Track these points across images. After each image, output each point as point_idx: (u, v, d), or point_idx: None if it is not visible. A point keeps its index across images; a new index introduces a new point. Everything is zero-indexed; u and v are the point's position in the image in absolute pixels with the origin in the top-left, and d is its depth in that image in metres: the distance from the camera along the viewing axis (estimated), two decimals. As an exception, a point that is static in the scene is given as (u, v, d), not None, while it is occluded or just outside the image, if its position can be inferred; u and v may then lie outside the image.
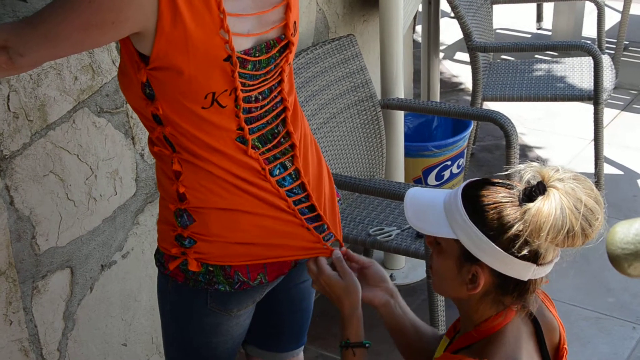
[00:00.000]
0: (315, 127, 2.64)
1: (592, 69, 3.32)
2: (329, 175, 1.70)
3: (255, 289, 1.59)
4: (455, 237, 1.37)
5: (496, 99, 3.49)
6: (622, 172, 3.79)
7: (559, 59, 3.84)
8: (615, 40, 4.44)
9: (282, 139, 1.56)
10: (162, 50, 1.37)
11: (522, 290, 1.38)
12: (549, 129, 4.24)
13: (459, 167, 3.35)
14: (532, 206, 1.30)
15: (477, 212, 1.35)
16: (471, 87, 3.52)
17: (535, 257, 1.34)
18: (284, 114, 1.56)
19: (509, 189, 1.36)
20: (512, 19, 5.47)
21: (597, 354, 2.72)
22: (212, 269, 1.55)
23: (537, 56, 4.74)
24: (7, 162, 1.83)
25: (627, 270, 1.40)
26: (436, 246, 1.43)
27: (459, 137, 3.29)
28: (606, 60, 3.62)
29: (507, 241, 1.32)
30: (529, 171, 1.34)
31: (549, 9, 5.28)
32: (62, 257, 2.03)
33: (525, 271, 1.35)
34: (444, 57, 5.13)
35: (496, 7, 3.95)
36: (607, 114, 4.03)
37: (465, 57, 4.89)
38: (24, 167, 1.87)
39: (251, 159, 1.51)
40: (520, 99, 3.46)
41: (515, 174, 1.38)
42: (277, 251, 1.56)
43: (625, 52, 4.80)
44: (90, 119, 2.01)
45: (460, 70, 4.97)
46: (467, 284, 1.39)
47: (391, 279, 3.11)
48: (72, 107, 1.96)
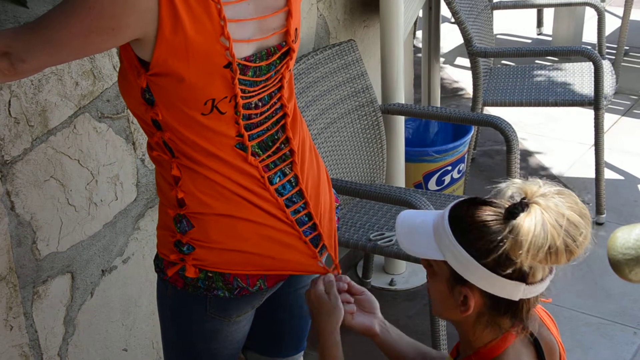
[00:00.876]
0: (315, 132, 2.64)
1: (593, 75, 3.33)
2: (328, 182, 1.70)
3: (254, 294, 1.59)
4: (443, 259, 1.37)
5: (497, 104, 3.50)
6: (622, 177, 3.79)
7: (559, 65, 3.84)
8: (615, 45, 4.45)
9: (282, 145, 1.56)
10: (162, 56, 1.37)
11: (516, 310, 1.37)
12: (549, 134, 4.24)
13: (459, 172, 3.35)
14: (513, 223, 1.28)
15: (463, 233, 1.34)
16: (472, 93, 3.52)
17: (522, 276, 1.32)
18: (283, 120, 1.56)
19: (495, 207, 1.35)
20: (513, 25, 5.48)
21: (598, 359, 2.72)
22: (211, 275, 1.55)
23: (537, 61, 4.75)
24: (8, 168, 1.83)
25: (628, 275, 1.40)
26: (429, 268, 1.43)
27: (459, 142, 3.29)
28: (606, 65, 3.62)
29: (493, 261, 1.31)
30: (512, 188, 1.33)
31: (549, 14, 5.29)
32: (63, 262, 2.03)
33: (514, 291, 1.33)
34: (444, 63, 5.14)
35: (496, 13, 3.95)
36: (608, 119, 4.03)
37: (465, 62, 4.90)
38: (24, 173, 1.87)
39: (251, 166, 1.51)
40: (520, 104, 3.46)
41: (499, 192, 1.37)
42: (275, 264, 1.57)
43: (625, 58, 4.80)
44: (91, 124, 2.01)
45: (460, 75, 4.98)
46: (459, 306, 1.38)
47: (392, 284, 3.13)
48: (73, 113, 1.96)
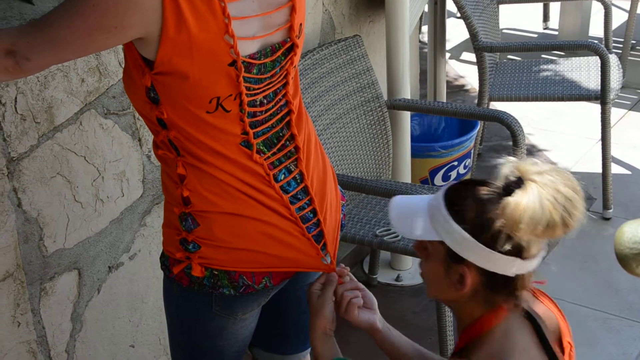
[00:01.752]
0: (321, 128, 2.64)
1: (599, 69, 3.32)
2: (334, 178, 1.70)
3: (260, 292, 1.59)
4: (439, 239, 1.39)
5: (503, 99, 3.49)
6: (629, 172, 3.78)
7: (565, 59, 3.83)
8: (622, 39, 4.43)
9: (287, 142, 1.56)
10: (166, 55, 1.37)
11: (511, 286, 1.39)
12: (556, 129, 4.23)
13: (465, 167, 3.34)
14: (511, 200, 1.31)
15: (459, 212, 1.37)
16: (477, 88, 3.52)
17: (518, 251, 1.35)
18: (288, 117, 1.56)
19: (490, 186, 1.38)
20: (519, 19, 5.46)
21: (605, 355, 2.71)
22: (216, 272, 1.55)
23: (543, 56, 4.73)
24: (14, 164, 1.84)
25: (635, 270, 1.39)
26: (423, 251, 1.45)
27: (465, 137, 3.29)
28: (613, 59, 3.61)
29: (490, 238, 1.34)
30: (507, 166, 1.36)
31: (555, 8, 5.28)
32: (70, 258, 2.03)
33: (510, 266, 1.36)
34: (450, 58, 5.13)
35: (502, 7, 3.95)
36: (614, 113, 4.02)
37: (471, 57, 4.89)
38: (31, 169, 1.88)
39: (256, 164, 1.51)
40: (527, 99, 3.46)
41: (494, 171, 1.40)
42: (279, 262, 1.57)
43: (632, 52, 4.79)
44: (97, 121, 2.02)
45: (466, 70, 4.97)
46: (455, 285, 1.40)
47: (398, 279, 3.13)
48: (79, 109, 1.96)
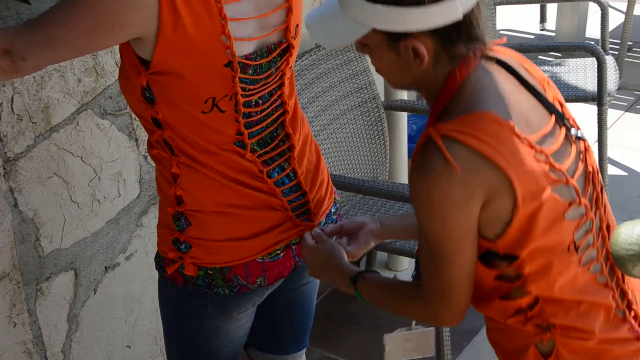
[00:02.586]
0: (318, 129, 2.64)
1: (596, 70, 3.32)
2: (327, 175, 1.71)
3: (255, 292, 1.59)
4: (368, 29, 1.28)
5: (500, 100, 3.48)
6: (626, 173, 3.78)
7: (562, 60, 3.84)
8: (619, 41, 4.43)
9: (281, 142, 1.56)
10: (162, 55, 1.37)
11: (466, 29, 1.27)
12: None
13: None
14: None
15: None
16: (475, 88, 3.51)
17: None
18: (283, 117, 1.56)
19: None
20: (516, 20, 5.47)
21: (601, 356, 2.71)
22: (211, 272, 1.55)
23: (540, 57, 4.73)
24: (11, 164, 1.84)
25: (631, 271, 1.39)
26: (364, 48, 1.34)
27: (462, 138, 3.28)
28: (610, 61, 3.61)
29: None
30: None
31: (552, 9, 5.28)
32: (66, 259, 2.03)
33: (452, 9, 1.24)
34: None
35: (499, 8, 3.94)
36: (611, 114, 4.02)
37: (468, 58, 4.87)
38: (27, 169, 1.87)
39: (249, 162, 1.51)
40: (523, 100, 3.45)
41: None
42: (268, 243, 1.57)
43: (629, 53, 4.79)
44: (93, 121, 2.01)
45: (463, 71, 4.96)
46: (413, 62, 1.29)
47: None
48: (76, 109, 1.96)
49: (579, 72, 3.65)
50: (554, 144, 1.35)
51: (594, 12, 4.93)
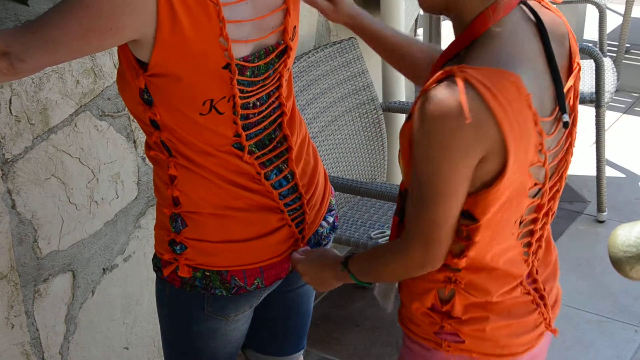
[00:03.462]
0: (316, 131, 2.64)
1: (594, 72, 3.32)
2: (325, 176, 1.71)
3: (252, 293, 1.60)
4: None
5: (498, 102, 3.48)
6: (624, 175, 3.79)
7: (560, 62, 3.83)
8: (616, 43, 4.44)
9: (279, 143, 1.57)
10: (160, 57, 1.37)
11: None
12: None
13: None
14: None
15: None
16: (473, 90, 3.51)
17: None
18: (280, 119, 1.56)
19: None
20: (514, 22, 5.47)
21: (599, 357, 2.71)
22: (208, 273, 1.55)
23: (538, 59, 4.73)
24: (9, 166, 1.84)
25: (629, 273, 1.40)
26: None
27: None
28: (608, 63, 3.62)
29: None
30: None
31: (550, 11, 5.28)
32: (64, 260, 2.03)
33: None
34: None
35: (497, 10, 3.93)
36: (609, 117, 4.03)
37: (466, 60, 4.88)
38: (25, 171, 1.87)
39: (246, 164, 1.51)
40: (521, 102, 3.45)
41: None
42: (266, 254, 1.58)
43: (626, 55, 4.79)
44: (92, 123, 2.01)
45: (461, 73, 4.96)
46: None
47: (393, 282, 3.13)
48: (74, 111, 1.96)
49: (577, 74, 3.65)
50: (553, 131, 1.37)
51: (592, 14, 4.94)
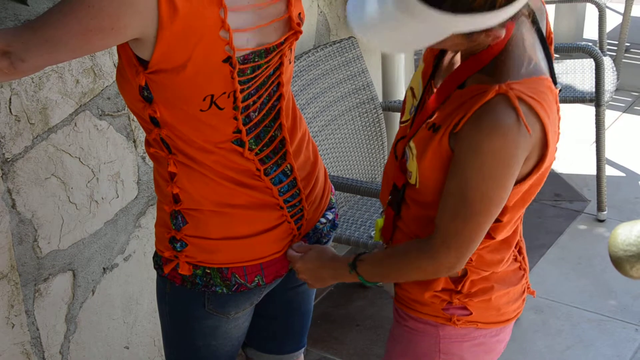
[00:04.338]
0: (316, 130, 2.64)
1: (594, 71, 3.32)
2: (325, 177, 1.71)
3: (252, 291, 1.60)
4: (450, 32, 1.27)
5: (497, 101, 3.48)
6: (624, 174, 3.79)
7: (560, 61, 3.84)
8: (616, 42, 4.44)
9: (278, 142, 1.57)
10: (161, 55, 1.37)
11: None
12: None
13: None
14: None
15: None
16: (472, 89, 3.51)
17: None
18: (279, 105, 1.56)
19: None
20: (513, 21, 5.47)
21: (599, 356, 2.71)
22: (209, 271, 1.55)
23: (538, 58, 4.73)
24: (9, 165, 1.83)
25: (629, 272, 1.39)
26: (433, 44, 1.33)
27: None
28: (607, 62, 3.62)
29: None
30: None
31: (550, 10, 5.28)
32: (64, 260, 2.03)
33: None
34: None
35: (497, 10, 3.93)
36: (609, 115, 4.03)
37: (466, 59, 4.88)
38: (25, 170, 1.87)
39: (247, 160, 1.52)
40: (521, 101, 3.45)
41: None
42: (265, 251, 1.58)
43: (626, 54, 4.79)
44: (91, 122, 2.01)
45: (461, 72, 4.96)
46: (484, 40, 1.31)
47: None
48: (74, 110, 1.96)
49: (577, 73, 3.65)
50: None
51: (592, 13, 4.94)
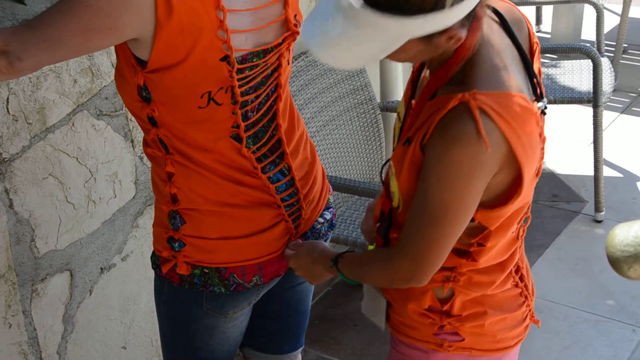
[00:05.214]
0: (314, 130, 2.64)
1: (592, 72, 3.32)
2: (323, 177, 1.72)
3: (250, 290, 1.60)
4: (407, 39, 1.25)
5: (495, 102, 3.48)
6: (621, 175, 3.79)
7: (558, 62, 3.84)
8: (614, 43, 4.44)
9: (275, 142, 1.57)
10: (159, 55, 1.37)
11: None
12: (548, 131, 4.23)
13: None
14: None
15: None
16: (470, 90, 3.51)
17: None
18: (276, 106, 1.56)
19: None
20: (511, 22, 5.47)
21: (597, 357, 2.72)
22: (207, 270, 1.55)
23: (536, 59, 4.73)
24: (6, 165, 1.83)
25: (626, 272, 1.40)
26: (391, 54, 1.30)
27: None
28: (605, 63, 3.62)
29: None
30: None
31: (548, 11, 5.28)
32: (62, 260, 2.03)
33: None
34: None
35: (495, 10, 3.93)
36: (607, 116, 4.03)
37: (464, 59, 4.88)
38: (23, 170, 1.87)
39: (244, 158, 1.52)
40: (519, 102, 3.45)
41: None
42: (263, 251, 1.58)
43: (624, 55, 4.80)
44: (89, 122, 2.01)
45: (459, 73, 4.96)
46: (447, 43, 1.27)
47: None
48: (72, 110, 1.96)
49: (575, 74, 3.65)
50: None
51: (590, 14, 4.94)
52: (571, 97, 3.43)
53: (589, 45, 3.38)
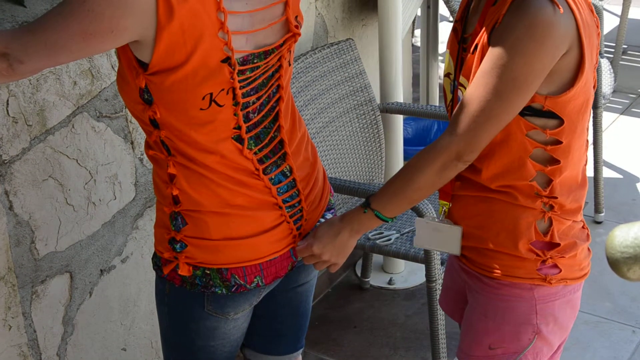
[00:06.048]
0: (314, 131, 2.64)
1: (591, 73, 3.32)
2: (324, 178, 1.72)
3: (252, 292, 1.60)
4: None
5: (495, 103, 3.48)
6: (621, 176, 3.79)
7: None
8: (613, 44, 4.45)
9: (277, 143, 1.57)
10: (160, 57, 1.38)
11: None
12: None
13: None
14: None
15: None
16: (470, 91, 3.51)
17: None
18: (278, 121, 1.57)
19: None
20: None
21: (597, 358, 2.72)
22: (208, 272, 1.56)
23: (535, 60, 4.73)
24: (6, 167, 1.83)
25: (626, 274, 1.40)
26: None
27: (458, 141, 3.28)
28: (605, 64, 3.62)
29: None
30: None
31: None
32: (61, 261, 2.03)
33: None
34: (442, 61, 5.13)
35: (495, 11, 3.94)
36: (606, 117, 4.03)
37: (464, 61, 4.88)
38: (23, 172, 1.87)
39: (246, 159, 1.52)
40: (519, 103, 3.45)
41: None
42: (265, 251, 1.58)
43: (623, 56, 4.80)
44: (89, 124, 2.01)
45: (459, 74, 4.96)
46: None
47: (390, 283, 3.14)
48: (72, 112, 1.96)
49: (574, 75, 3.65)
50: None
51: (589, 15, 4.93)
52: (571, 98, 3.43)
53: (588, 46, 3.37)
